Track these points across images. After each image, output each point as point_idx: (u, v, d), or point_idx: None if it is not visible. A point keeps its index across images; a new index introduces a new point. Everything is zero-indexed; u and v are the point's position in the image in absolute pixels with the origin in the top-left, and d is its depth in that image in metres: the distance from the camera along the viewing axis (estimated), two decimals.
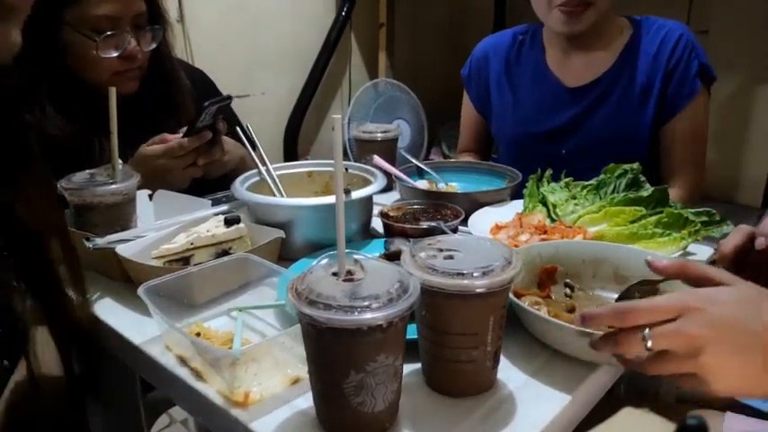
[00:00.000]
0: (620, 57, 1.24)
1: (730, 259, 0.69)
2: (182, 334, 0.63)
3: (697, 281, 0.55)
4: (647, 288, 0.73)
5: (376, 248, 0.88)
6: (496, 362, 0.61)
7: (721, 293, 0.51)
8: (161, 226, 0.87)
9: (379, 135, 1.28)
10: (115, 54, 1.05)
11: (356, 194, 0.90)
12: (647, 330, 0.49)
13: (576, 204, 0.98)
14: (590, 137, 1.26)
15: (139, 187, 0.92)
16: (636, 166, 0.98)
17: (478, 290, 0.54)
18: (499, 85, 1.38)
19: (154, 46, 1.12)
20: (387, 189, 1.08)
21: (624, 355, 0.52)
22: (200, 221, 0.87)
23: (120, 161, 0.91)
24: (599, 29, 1.22)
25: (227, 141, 1.13)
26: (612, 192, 0.98)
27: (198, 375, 0.63)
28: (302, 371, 0.61)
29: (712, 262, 0.70)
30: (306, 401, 0.57)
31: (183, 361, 0.66)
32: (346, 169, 1.05)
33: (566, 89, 1.28)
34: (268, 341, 0.64)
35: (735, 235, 0.70)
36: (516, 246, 0.83)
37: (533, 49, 1.34)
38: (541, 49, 1.33)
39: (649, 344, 0.48)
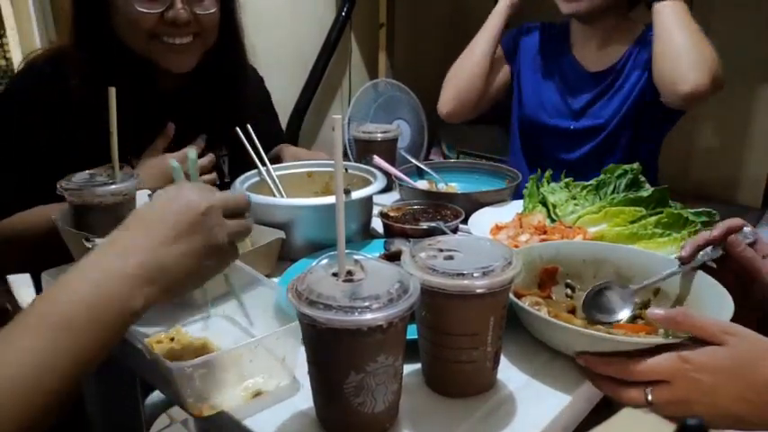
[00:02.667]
0: (631, 48, 1.34)
1: (689, 254, 0.71)
2: (143, 347, 0.61)
3: (692, 333, 0.58)
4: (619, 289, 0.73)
5: (376, 249, 0.88)
6: (496, 362, 0.61)
7: (711, 360, 0.56)
8: None
9: (379, 135, 1.28)
10: (155, 10, 0.94)
11: (356, 195, 0.90)
12: (648, 388, 0.57)
13: (575, 205, 0.98)
14: (601, 115, 1.37)
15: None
16: (636, 166, 0.98)
17: (479, 290, 0.54)
18: (534, 59, 1.47)
19: (212, 11, 1.01)
20: (387, 189, 1.08)
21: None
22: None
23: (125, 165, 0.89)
24: (615, 21, 1.34)
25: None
26: (612, 192, 0.98)
27: None
28: (266, 384, 0.61)
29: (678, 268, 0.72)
30: (306, 401, 0.57)
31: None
32: (346, 169, 1.05)
33: (588, 73, 1.39)
34: (221, 354, 0.60)
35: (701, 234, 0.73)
36: (516, 246, 0.83)
37: (560, 42, 1.46)
38: (567, 43, 1.44)
39: (650, 397, 0.56)
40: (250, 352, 0.59)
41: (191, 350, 0.66)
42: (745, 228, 0.71)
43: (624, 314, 0.71)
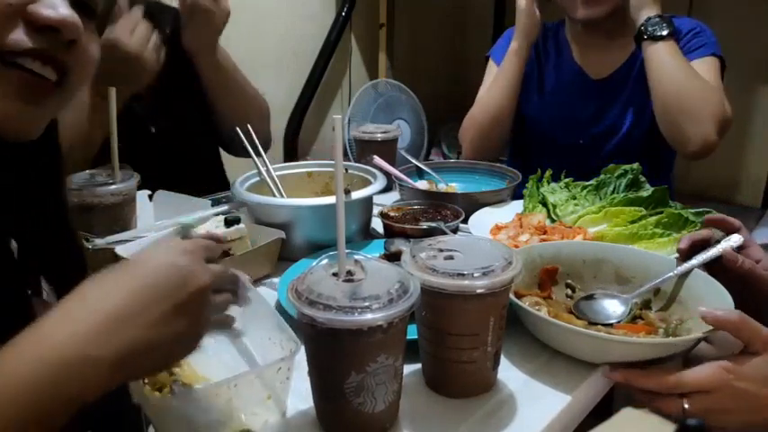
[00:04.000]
0: (635, 51, 1.27)
1: (687, 246, 0.72)
2: None
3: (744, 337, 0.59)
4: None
5: (376, 249, 0.88)
6: (497, 362, 0.61)
7: (754, 369, 0.57)
8: (161, 226, 0.87)
9: (379, 135, 1.28)
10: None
11: (356, 195, 0.90)
12: (684, 399, 0.58)
13: (576, 205, 0.98)
14: (607, 126, 1.30)
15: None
16: (636, 166, 0.98)
17: (479, 290, 0.54)
18: (528, 69, 1.39)
19: None
20: (387, 189, 1.08)
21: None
22: (201, 222, 0.87)
23: None
24: (615, 23, 1.25)
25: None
26: (612, 192, 0.98)
27: None
28: (250, 422, 0.54)
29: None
30: (306, 401, 0.57)
31: None
32: (346, 170, 1.05)
33: (591, 81, 1.32)
34: (186, 392, 0.54)
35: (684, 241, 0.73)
36: (516, 246, 0.83)
37: (558, 43, 1.39)
38: (566, 44, 1.37)
39: (686, 407, 0.57)
40: (226, 392, 0.52)
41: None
42: (735, 234, 0.72)
43: (622, 314, 0.71)
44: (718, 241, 0.72)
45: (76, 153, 0.94)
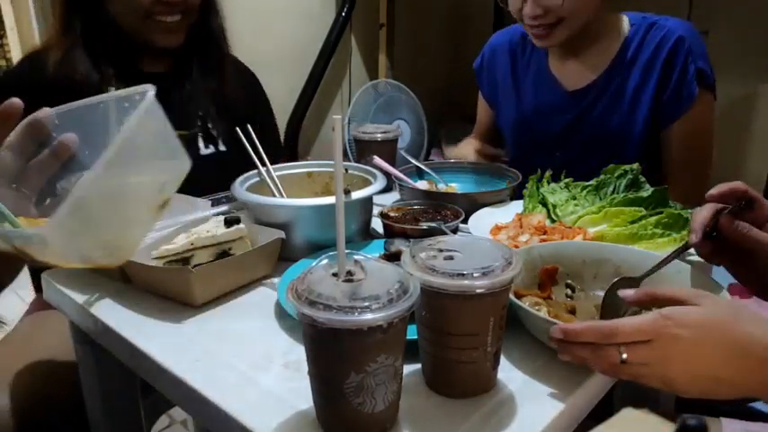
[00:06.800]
0: (615, 59, 1.21)
1: (700, 238, 0.70)
2: None
3: (667, 303, 0.58)
4: (629, 284, 0.73)
5: (376, 249, 0.88)
6: (497, 362, 0.61)
7: (691, 316, 0.55)
8: (161, 226, 0.87)
9: (378, 135, 1.28)
10: None
11: (356, 195, 0.90)
12: (622, 347, 0.55)
13: (576, 205, 0.98)
14: (583, 140, 1.26)
15: None
16: (636, 166, 0.99)
17: (479, 290, 0.54)
18: (505, 81, 1.39)
19: None
20: (387, 189, 1.08)
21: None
22: (201, 222, 0.87)
23: None
24: (593, 32, 1.20)
25: None
26: (612, 192, 0.98)
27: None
28: None
29: (685, 245, 0.71)
30: (306, 401, 0.57)
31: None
32: (346, 170, 1.05)
33: (565, 93, 1.27)
34: None
35: (702, 212, 0.72)
36: (516, 246, 0.83)
37: (538, 49, 1.33)
38: (545, 51, 1.32)
39: (624, 356, 0.55)
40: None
41: None
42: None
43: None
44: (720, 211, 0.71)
45: None
